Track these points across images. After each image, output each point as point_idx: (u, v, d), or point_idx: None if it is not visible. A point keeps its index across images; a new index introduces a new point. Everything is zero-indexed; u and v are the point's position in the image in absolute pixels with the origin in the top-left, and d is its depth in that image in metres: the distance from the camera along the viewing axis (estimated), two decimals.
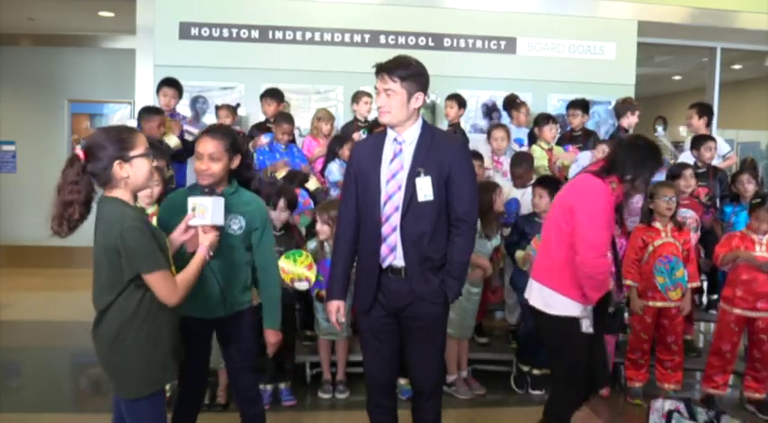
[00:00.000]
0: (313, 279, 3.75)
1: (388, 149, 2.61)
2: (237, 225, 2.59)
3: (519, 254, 4.12)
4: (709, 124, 5.35)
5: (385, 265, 2.59)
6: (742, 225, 4.23)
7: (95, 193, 2.12)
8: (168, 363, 2.23)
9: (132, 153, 2.10)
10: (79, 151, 2.09)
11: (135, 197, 2.21)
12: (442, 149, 2.58)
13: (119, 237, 2.03)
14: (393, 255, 2.58)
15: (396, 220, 2.56)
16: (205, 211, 2.30)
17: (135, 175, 2.11)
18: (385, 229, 2.57)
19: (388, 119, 2.57)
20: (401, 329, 2.68)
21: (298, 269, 3.73)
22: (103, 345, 2.15)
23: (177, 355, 2.30)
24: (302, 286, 3.75)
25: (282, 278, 3.71)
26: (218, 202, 2.32)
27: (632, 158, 2.81)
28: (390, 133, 2.62)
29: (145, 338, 2.13)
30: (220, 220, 2.32)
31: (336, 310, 2.71)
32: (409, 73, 2.53)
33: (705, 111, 5.30)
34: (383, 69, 2.54)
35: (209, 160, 2.51)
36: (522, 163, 4.63)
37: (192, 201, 2.32)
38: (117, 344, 2.12)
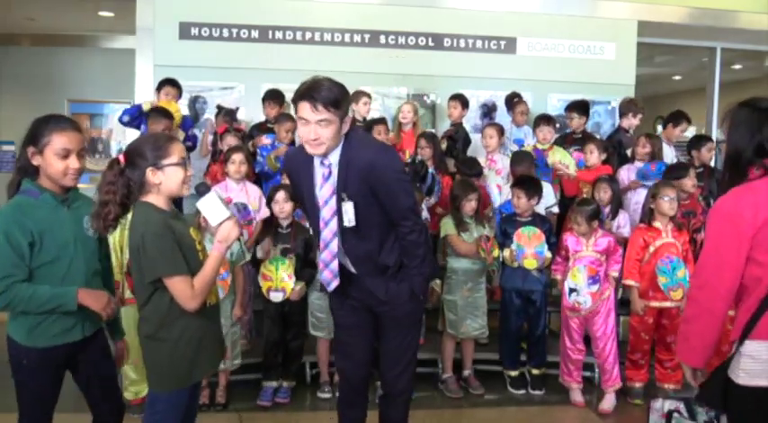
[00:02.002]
0: (289, 290, 3.74)
1: (319, 171, 2.50)
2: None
3: (505, 252, 4.13)
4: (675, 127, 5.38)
5: (330, 289, 2.59)
6: None
7: (133, 196, 2.20)
8: (200, 361, 2.26)
9: (165, 161, 2.16)
10: (120, 155, 2.23)
11: (175, 201, 2.31)
12: (357, 165, 2.42)
13: (140, 240, 2.11)
14: (336, 280, 2.56)
15: (335, 245, 2.51)
16: (207, 214, 2.23)
17: (167, 182, 2.17)
18: (325, 256, 2.52)
19: (322, 150, 2.38)
20: (377, 325, 2.69)
21: (278, 276, 3.73)
22: (142, 340, 2.26)
23: (219, 353, 2.38)
24: (277, 297, 3.76)
25: (261, 286, 3.74)
26: (208, 202, 2.21)
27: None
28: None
29: (177, 338, 2.18)
30: (223, 215, 2.21)
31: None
32: (339, 98, 2.35)
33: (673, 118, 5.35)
34: (312, 98, 2.31)
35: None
36: (522, 162, 4.62)
37: (197, 206, 2.27)
38: (152, 342, 2.21)
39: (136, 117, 4.89)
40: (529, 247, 4.05)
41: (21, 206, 2.21)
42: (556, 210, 4.74)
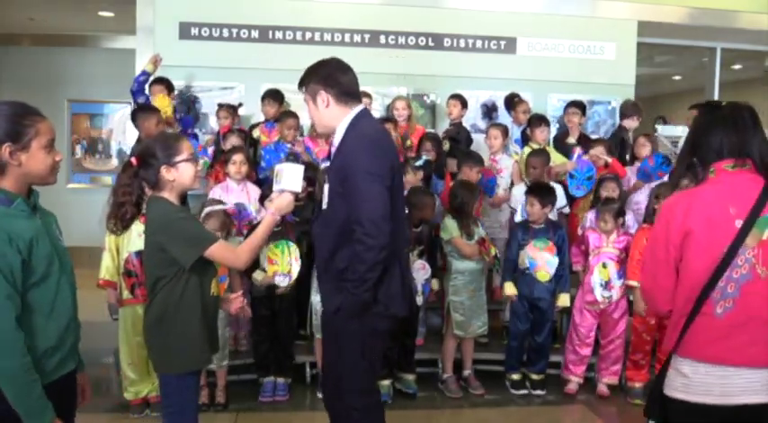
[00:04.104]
0: (295, 275, 3.75)
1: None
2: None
3: (521, 259, 4.12)
4: None
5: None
6: None
7: (145, 195, 2.32)
8: (204, 348, 2.39)
9: (177, 158, 2.28)
10: (133, 158, 2.32)
11: (184, 198, 2.43)
12: (342, 150, 2.44)
13: (163, 233, 2.24)
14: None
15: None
16: (281, 177, 2.40)
17: (180, 177, 2.30)
18: None
19: (319, 129, 2.62)
20: None
21: (285, 260, 3.72)
22: (150, 325, 2.37)
23: (213, 345, 2.45)
24: (283, 282, 3.75)
25: (266, 270, 3.73)
26: (294, 169, 2.41)
27: None
28: None
29: (183, 323, 2.30)
30: (295, 187, 2.41)
31: None
32: (305, 77, 2.51)
33: None
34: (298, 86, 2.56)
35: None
36: (540, 154, 4.64)
37: (276, 167, 2.47)
38: (160, 325, 2.31)
39: (144, 81, 5.00)
40: (541, 260, 4.06)
41: (2, 217, 1.79)
42: (567, 210, 4.75)
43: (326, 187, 2.49)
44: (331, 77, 2.45)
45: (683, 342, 1.91)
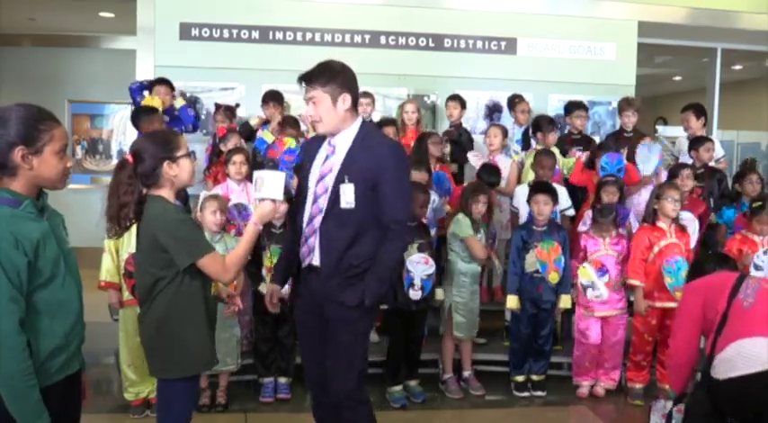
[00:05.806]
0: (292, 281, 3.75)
1: (323, 151, 2.62)
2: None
3: (529, 258, 4.09)
4: (705, 125, 5.34)
5: (305, 264, 2.63)
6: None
7: (145, 193, 2.27)
8: (211, 349, 2.36)
9: (178, 153, 2.26)
10: (128, 156, 2.27)
11: (181, 196, 2.39)
12: (371, 154, 2.52)
13: (163, 232, 2.18)
14: (311, 256, 2.59)
15: (318, 222, 2.56)
16: (261, 185, 2.36)
17: (181, 173, 2.27)
18: (308, 231, 2.60)
19: (322, 129, 2.58)
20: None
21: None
22: (149, 328, 2.30)
23: (213, 350, 2.40)
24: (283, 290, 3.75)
25: (266, 280, 3.75)
26: (275, 177, 2.38)
27: None
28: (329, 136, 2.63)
29: (189, 325, 2.27)
30: (276, 195, 2.36)
31: (271, 292, 2.79)
32: (328, 76, 2.52)
33: (702, 111, 5.29)
34: (303, 79, 2.54)
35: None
36: (549, 154, 4.59)
37: (255, 174, 2.43)
38: (163, 328, 2.26)
39: (145, 87, 4.96)
40: (550, 262, 4.05)
41: (8, 218, 1.79)
42: (571, 212, 4.69)
43: (346, 186, 2.49)
44: (353, 82, 2.59)
45: (721, 337, 2.59)
